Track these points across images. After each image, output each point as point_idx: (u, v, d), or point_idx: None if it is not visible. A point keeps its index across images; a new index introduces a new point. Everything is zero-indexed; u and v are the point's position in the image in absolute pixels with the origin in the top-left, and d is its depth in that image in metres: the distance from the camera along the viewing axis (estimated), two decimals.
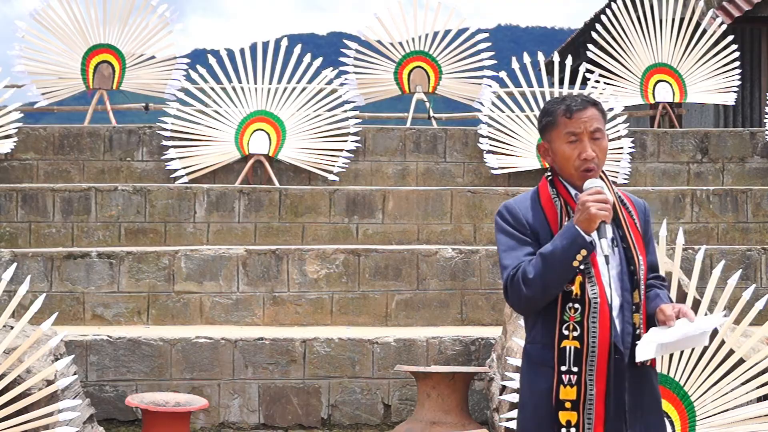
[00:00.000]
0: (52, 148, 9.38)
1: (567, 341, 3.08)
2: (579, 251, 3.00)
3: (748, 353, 5.25)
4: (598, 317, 3.07)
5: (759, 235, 8.81)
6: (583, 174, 3.14)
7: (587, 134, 3.14)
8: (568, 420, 3.07)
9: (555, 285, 3.05)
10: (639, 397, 3.13)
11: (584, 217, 3.01)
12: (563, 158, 3.17)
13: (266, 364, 6.69)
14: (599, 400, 3.07)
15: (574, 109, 3.15)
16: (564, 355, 3.08)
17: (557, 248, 3.02)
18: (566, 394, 3.07)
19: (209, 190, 8.55)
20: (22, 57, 10.21)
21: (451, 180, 9.54)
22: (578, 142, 3.14)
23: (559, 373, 3.08)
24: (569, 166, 3.16)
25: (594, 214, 3.00)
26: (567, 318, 3.09)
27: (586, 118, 3.15)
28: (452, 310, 7.55)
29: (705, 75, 10.69)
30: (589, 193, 3.04)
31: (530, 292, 3.05)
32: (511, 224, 3.17)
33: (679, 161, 9.79)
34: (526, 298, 3.07)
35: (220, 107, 9.66)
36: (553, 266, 3.02)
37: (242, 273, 7.50)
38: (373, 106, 10.86)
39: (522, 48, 12.78)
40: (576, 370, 3.07)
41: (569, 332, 3.08)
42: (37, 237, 8.38)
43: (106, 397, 6.58)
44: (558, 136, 3.17)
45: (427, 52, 10.59)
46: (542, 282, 3.04)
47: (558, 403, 3.08)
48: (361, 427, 6.72)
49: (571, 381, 3.07)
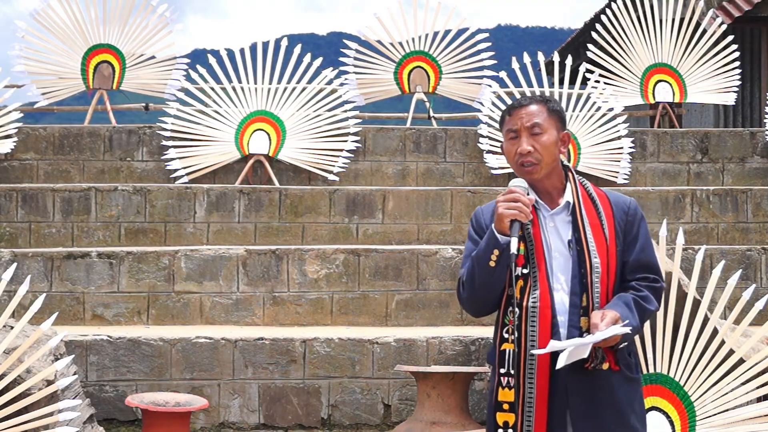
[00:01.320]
0: (52, 148, 9.38)
1: (506, 344, 3.13)
2: (492, 251, 3.06)
3: (748, 353, 5.25)
4: (538, 321, 3.08)
5: (759, 235, 8.81)
6: (522, 169, 3.18)
7: (524, 130, 3.17)
8: (506, 421, 3.11)
9: (482, 286, 3.13)
10: (589, 403, 3.08)
11: (495, 217, 3.08)
12: (506, 155, 3.25)
13: (266, 364, 6.69)
14: (540, 403, 3.07)
15: (515, 106, 3.22)
16: (503, 357, 3.13)
17: (480, 250, 3.11)
18: (504, 395, 3.12)
19: (209, 190, 8.55)
20: (22, 57, 10.21)
21: (451, 180, 9.55)
22: (517, 138, 3.19)
23: (499, 375, 3.13)
24: (512, 163, 3.22)
25: (500, 214, 3.06)
26: (507, 321, 3.15)
27: (524, 113, 3.18)
28: (452, 310, 7.55)
29: (705, 75, 10.69)
30: (503, 194, 3.11)
31: (465, 293, 3.19)
32: (475, 230, 3.26)
33: (679, 161, 9.79)
34: (465, 300, 3.21)
35: (220, 107, 9.66)
36: (476, 268, 3.12)
37: (242, 273, 7.50)
38: (373, 106, 10.87)
39: (522, 48, 12.78)
40: (513, 372, 3.10)
41: (508, 335, 3.13)
42: (37, 237, 8.38)
43: (106, 397, 6.58)
44: (504, 135, 3.25)
45: (427, 52, 10.59)
46: (470, 284, 3.14)
47: (496, 404, 3.13)
48: (361, 427, 6.72)
49: (509, 383, 3.11)
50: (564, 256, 3.13)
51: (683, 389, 5.15)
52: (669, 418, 5.11)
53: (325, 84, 9.99)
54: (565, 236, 3.15)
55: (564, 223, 3.18)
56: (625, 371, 3.15)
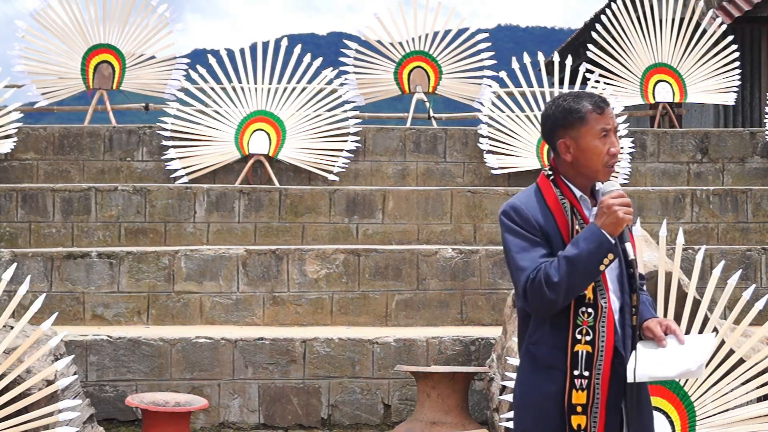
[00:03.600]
0: (52, 148, 9.38)
1: (580, 345, 3.07)
2: (606, 255, 2.99)
3: (748, 353, 5.25)
4: (606, 321, 3.07)
5: (759, 235, 8.81)
6: (608, 170, 3.13)
7: (614, 131, 3.15)
8: (579, 424, 3.07)
9: (579, 289, 3.04)
10: (637, 402, 3.13)
11: (611, 220, 3.00)
12: (593, 154, 3.12)
13: (266, 364, 6.69)
14: (602, 403, 3.07)
15: (604, 105, 3.15)
16: (577, 359, 3.07)
17: (583, 252, 2.99)
18: (578, 398, 3.07)
19: (209, 190, 8.55)
20: (22, 57, 10.21)
21: (451, 180, 9.54)
22: (607, 137, 3.13)
23: (572, 377, 3.07)
24: (597, 162, 3.13)
25: (622, 219, 2.99)
26: (580, 322, 3.08)
27: (612, 114, 3.17)
28: (452, 310, 7.55)
29: (705, 75, 10.69)
30: (612, 197, 3.02)
31: (553, 295, 3.00)
32: (519, 224, 3.12)
33: (679, 161, 9.79)
34: (549, 301, 3.02)
35: (220, 107, 9.66)
36: (579, 270, 2.99)
37: (242, 273, 7.50)
38: (373, 106, 10.86)
39: (522, 48, 12.78)
40: (587, 374, 3.07)
41: (582, 336, 3.07)
42: (37, 237, 8.38)
43: (106, 397, 6.58)
44: (588, 132, 3.12)
45: (427, 52, 10.59)
46: (567, 286, 3.00)
47: (570, 407, 3.07)
48: (361, 427, 6.72)
49: (582, 385, 3.07)
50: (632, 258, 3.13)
51: (683, 389, 5.15)
52: (669, 418, 5.11)
53: (325, 84, 9.98)
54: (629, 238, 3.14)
55: None
56: None
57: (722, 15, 12.17)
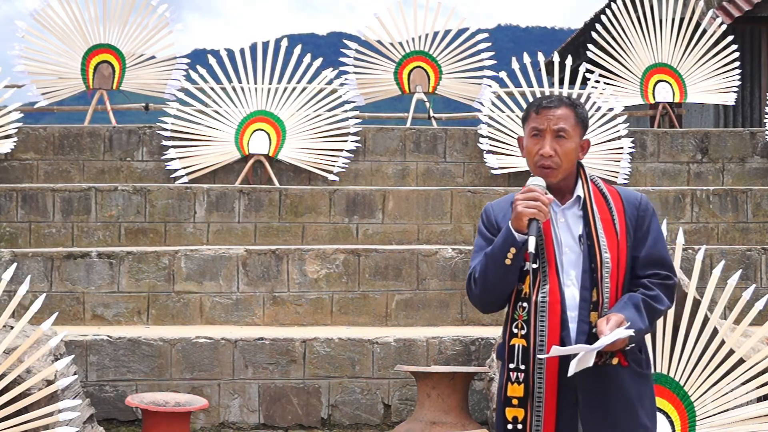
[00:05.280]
0: (52, 148, 9.38)
1: (516, 339, 3.13)
2: (509, 249, 3.06)
3: (748, 353, 5.26)
4: (547, 316, 3.08)
5: (759, 235, 8.81)
6: (539, 170, 3.17)
7: (550, 132, 3.16)
8: (515, 416, 3.11)
9: (495, 283, 3.12)
10: (599, 398, 3.08)
11: (513, 215, 3.07)
12: (527, 152, 3.22)
13: (266, 364, 6.69)
14: (549, 398, 3.07)
15: (544, 105, 3.18)
16: (513, 352, 3.13)
17: (495, 247, 3.11)
18: (513, 391, 3.11)
19: (209, 190, 8.55)
20: (22, 57, 10.21)
21: (451, 180, 9.54)
22: (540, 138, 3.17)
23: (508, 370, 3.13)
24: (530, 161, 3.20)
25: (520, 212, 3.04)
26: (516, 316, 3.14)
27: (552, 115, 3.16)
28: (452, 310, 7.56)
29: (705, 75, 10.69)
30: (521, 192, 3.09)
31: (477, 290, 3.16)
32: (485, 225, 3.26)
33: (679, 161, 9.79)
34: (476, 296, 3.18)
35: (220, 107, 9.66)
36: (491, 264, 3.11)
37: (242, 273, 7.50)
38: (373, 106, 10.86)
39: (522, 48, 12.78)
40: (523, 367, 3.10)
41: (518, 330, 3.13)
42: (37, 237, 8.38)
43: (106, 397, 6.58)
44: (526, 131, 3.22)
45: (427, 52, 10.59)
46: (483, 280, 3.13)
47: (506, 400, 3.13)
48: (361, 427, 6.72)
49: (518, 378, 3.11)
50: (574, 252, 3.12)
51: (683, 389, 5.15)
52: (669, 418, 5.11)
53: (325, 84, 9.98)
54: (576, 231, 3.14)
55: (575, 217, 3.17)
56: (635, 367, 3.13)
57: (722, 15, 12.18)
